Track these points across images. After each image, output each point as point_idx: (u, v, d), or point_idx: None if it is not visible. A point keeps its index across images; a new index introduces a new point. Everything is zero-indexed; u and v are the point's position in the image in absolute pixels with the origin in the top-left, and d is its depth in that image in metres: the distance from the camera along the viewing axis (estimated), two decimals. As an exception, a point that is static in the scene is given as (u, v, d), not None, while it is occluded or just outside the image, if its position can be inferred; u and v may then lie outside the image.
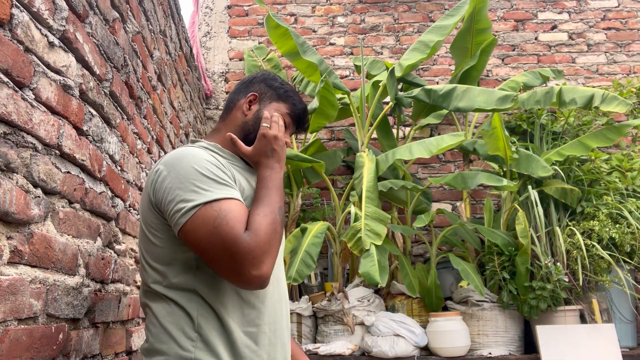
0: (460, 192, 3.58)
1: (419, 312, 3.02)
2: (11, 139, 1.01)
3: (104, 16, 1.52)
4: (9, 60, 0.99)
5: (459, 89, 2.91)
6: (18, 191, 1.03)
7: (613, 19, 4.03)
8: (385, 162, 2.95)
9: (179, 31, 2.71)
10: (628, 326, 2.87)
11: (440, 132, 3.81)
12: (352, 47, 4.02)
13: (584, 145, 3.10)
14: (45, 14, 1.13)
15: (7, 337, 0.98)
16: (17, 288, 1.02)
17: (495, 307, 2.83)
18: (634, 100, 3.52)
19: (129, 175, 1.80)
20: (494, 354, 2.73)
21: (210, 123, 3.87)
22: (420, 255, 3.59)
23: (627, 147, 3.55)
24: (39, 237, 1.11)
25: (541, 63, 3.96)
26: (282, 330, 1.19)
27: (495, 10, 4.09)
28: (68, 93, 1.27)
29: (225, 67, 4.00)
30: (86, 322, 1.40)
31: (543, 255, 2.78)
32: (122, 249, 1.73)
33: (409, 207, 3.32)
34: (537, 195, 2.86)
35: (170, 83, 2.49)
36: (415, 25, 4.07)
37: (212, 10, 4.12)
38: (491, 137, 2.89)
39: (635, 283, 2.83)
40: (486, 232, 2.90)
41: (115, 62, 1.62)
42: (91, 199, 1.43)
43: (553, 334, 2.61)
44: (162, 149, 2.34)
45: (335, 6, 4.11)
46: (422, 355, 2.78)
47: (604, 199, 2.98)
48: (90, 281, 1.42)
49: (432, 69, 3.99)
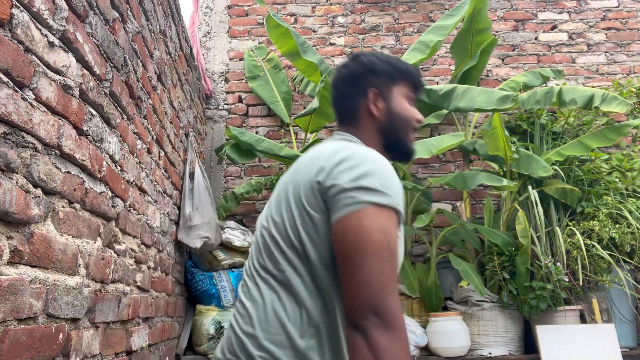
0: (460, 192, 3.58)
1: (419, 312, 3.02)
2: (11, 139, 1.01)
3: (104, 16, 1.52)
4: (9, 60, 0.99)
5: (459, 89, 2.91)
6: (18, 191, 1.03)
7: (613, 19, 4.03)
8: (385, 162, 2.95)
9: (179, 31, 2.71)
10: (628, 326, 2.87)
11: (440, 132, 3.81)
12: (352, 47, 4.02)
13: (584, 145, 3.10)
14: (45, 14, 1.13)
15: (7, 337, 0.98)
16: (17, 288, 1.02)
17: (495, 307, 2.83)
18: (634, 100, 3.52)
19: (129, 175, 1.80)
20: (494, 354, 2.73)
21: (210, 123, 3.87)
22: (420, 255, 3.59)
23: (627, 147, 3.55)
24: (39, 237, 1.11)
25: (541, 63, 3.96)
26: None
27: (495, 10, 4.09)
28: (68, 93, 1.27)
29: (225, 67, 4.00)
30: (86, 322, 1.40)
31: (543, 255, 2.78)
32: (122, 249, 1.73)
33: (409, 207, 3.32)
34: (537, 195, 2.86)
35: (170, 83, 2.49)
36: (415, 25, 4.07)
37: (212, 10, 4.12)
38: (491, 137, 2.89)
39: (635, 283, 2.83)
40: (486, 232, 2.90)
41: (115, 62, 1.62)
42: (91, 199, 1.43)
43: (553, 334, 2.61)
44: (162, 148, 2.34)
45: (335, 6, 4.11)
46: (422, 355, 2.78)
47: (604, 199, 2.97)
48: (90, 281, 1.42)
49: (432, 69, 3.99)
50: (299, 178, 1.04)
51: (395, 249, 0.94)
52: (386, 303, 0.89)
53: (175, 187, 2.65)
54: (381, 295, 0.90)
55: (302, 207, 1.01)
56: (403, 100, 1.19)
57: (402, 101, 1.18)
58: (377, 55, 1.22)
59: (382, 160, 1.02)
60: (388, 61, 1.20)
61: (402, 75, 1.19)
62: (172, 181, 2.57)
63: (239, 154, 3.38)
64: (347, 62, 1.23)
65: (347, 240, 0.93)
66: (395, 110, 1.17)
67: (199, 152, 3.45)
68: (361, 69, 1.21)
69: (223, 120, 3.88)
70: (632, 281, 2.81)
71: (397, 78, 1.19)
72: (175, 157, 2.64)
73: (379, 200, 0.94)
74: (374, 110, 1.17)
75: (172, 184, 2.58)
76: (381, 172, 0.98)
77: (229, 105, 3.92)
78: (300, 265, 0.99)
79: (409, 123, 1.18)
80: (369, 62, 1.21)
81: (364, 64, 1.21)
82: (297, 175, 1.05)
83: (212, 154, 3.76)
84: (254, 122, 3.88)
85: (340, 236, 0.95)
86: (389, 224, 0.94)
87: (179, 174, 2.74)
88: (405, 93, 1.20)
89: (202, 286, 2.95)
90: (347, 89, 1.20)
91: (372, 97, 1.17)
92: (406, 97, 1.20)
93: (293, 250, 1.00)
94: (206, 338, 2.78)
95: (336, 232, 0.95)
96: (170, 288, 2.55)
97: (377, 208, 0.93)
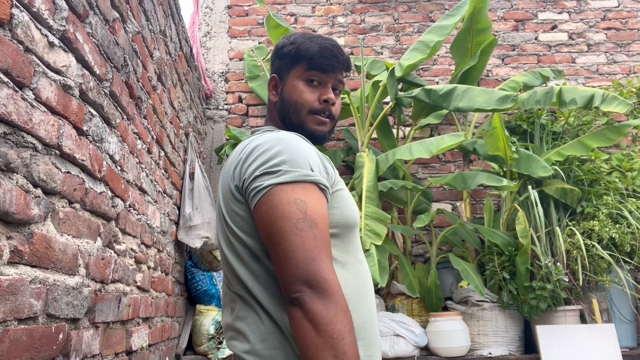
0: (460, 192, 3.58)
1: (419, 312, 3.02)
2: (11, 139, 1.01)
3: (104, 16, 1.52)
4: (9, 60, 0.99)
5: (459, 89, 2.91)
6: (18, 191, 1.03)
7: (613, 19, 4.03)
8: (385, 162, 2.95)
9: (179, 31, 2.71)
10: (628, 326, 2.87)
11: (440, 132, 3.81)
12: (352, 47, 4.02)
13: (584, 145, 3.10)
14: (45, 14, 1.13)
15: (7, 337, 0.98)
16: (17, 288, 1.02)
17: (495, 307, 2.83)
18: (634, 100, 3.52)
19: (129, 175, 1.80)
20: (494, 354, 2.73)
21: (210, 123, 3.87)
22: (420, 255, 3.59)
23: (627, 147, 3.55)
24: (39, 237, 1.11)
25: (541, 63, 3.96)
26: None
27: (495, 10, 4.09)
28: (68, 93, 1.27)
29: (225, 67, 4.00)
30: (86, 322, 1.40)
31: (543, 255, 2.78)
32: (122, 249, 1.73)
33: (409, 207, 3.32)
34: (537, 195, 2.86)
35: (170, 83, 2.49)
36: (415, 25, 4.07)
37: (212, 10, 4.12)
38: (491, 137, 2.89)
39: (635, 283, 2.83)
40: (486, 232, 2.90)
41: (115, 62, 1.62)
42: (91, 199, 1.43)
43: (553, 334, 2.61)
44: (162, 148, 2.34)
45: (335, 6, 4.11)
46: (422, 355, 2.78)
47: (604, 199, 2.97)
48: (90, 281, 1.42)
49: (432, 69, 3.99)
50: (224, 186, 1.07)
51: (316, 216, 0.92)
52: (315, 271, 0.88)
53: (175, 187, 2.65)
54: (308, 264, 0.88)
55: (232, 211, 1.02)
56: (297, 83, 1.12)
57: (295, 84, 1.12)
58: (290, 37, 1.17)
59: (289, 138, 1.01)
60: (294, 42, 1.14)
61: (301, 56, 1.12)
62: (172, 181, 2.57)
63: (239, 154, 3.38)
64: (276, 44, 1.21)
65: (264, 225, 0.94)
66: (285, 94, 1.14)
67: (199, 152, 3.45)
68: (274, 52, 1.18)
69: (223, 120, 3.88)
70: (632, 281, 2.81)
71: (297, 60, 1.12)
72: (175, 157, 2.64)
73: (284, 179, 0.93)
74: (271, 97, 1.17)
75: (172, 184, 2.58)
76: (286, 150, 0.97)
77: (229, 105, 3.92)
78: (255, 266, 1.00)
79: (301, 106, 1.11)
80: (280, 44, 1.17)
81: (275, 48, 1.18)
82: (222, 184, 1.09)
83: (212, 154, 3.76)
84: (254, 122, 3.88)
85: (258, 222, 0.95)
86: (303, 195, 0.93)
87: (179, 174, 2.74)
88: (302, 74, 1.12)
89: (202, 286, 2.95)
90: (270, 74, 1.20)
91: (271, 83, 1.17)
92: (302, 78, 1.12)
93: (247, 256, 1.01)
94: (206, 338, 2.78)
95: (256, 221, 0.96)
96: (170, 288, 2.55)
97: (284, 186, 0.93)
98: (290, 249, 0.89)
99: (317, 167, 0.99)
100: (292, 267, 0.88)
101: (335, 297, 0.87)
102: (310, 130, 1.12)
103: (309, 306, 0.86)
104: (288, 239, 0.90)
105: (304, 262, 0.88)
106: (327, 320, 0.85)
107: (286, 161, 0.95)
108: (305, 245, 0.89)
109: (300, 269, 0.88)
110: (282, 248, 0.90)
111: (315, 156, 1.01)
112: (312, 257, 0.89)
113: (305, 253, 0.89)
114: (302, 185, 0.94)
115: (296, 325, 0.87)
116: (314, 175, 0.96)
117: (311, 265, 0.88)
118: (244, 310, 1.01)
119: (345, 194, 1.06)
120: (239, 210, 1.01)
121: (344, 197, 1.05)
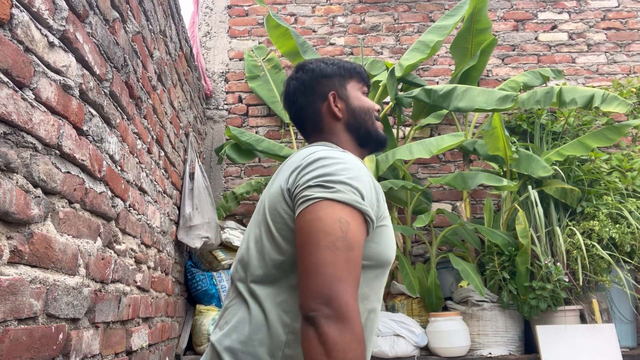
0: (460, 192, 3.58)
1: (419, 312, 3.02)
2: (11, 139, 1.01)
3: (104, 16, 1.52)
4: (9, 60, 0.99)
5: (459, 89, 2.91)
6: (18, 191, 1.03)
7: (613, 19, 4.03)
8: (385, 162, 2.95)
9: (179, 31, 2.71)
10: (628, 326, 2.87)
11: (440, 132, 3.81)
12: (352, 47, 4.02)
13: (584, 145, 3.10)
14: (45, 14, 1.13)
15: (7, 337, 0.98)
16: (17, 288, 1.02)
17: (495, 307, 2.83)
18: (634, 100, 3.52)
19: (129, 175, 1.80)
20: (494, 354, 2.73)
21: (210, 123, 3.87)
22: (420, 255, 3.59)
23: (627, 147, 3.55)
24: (39, 237, 1.11)
25: (541, 63, 3.96)
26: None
27: (495, 10, 4.09)
28: (68, 93, 1.27)
29: (225, 67, 4.00)
30: (86, 322, 1.40)
31: (543, 255, 2.78)
32: (122, 249, 1.73)
33: (409, 207, 3.32)
34: (537, 195, 2.86)
35: (170, 83, 2.49)
36: (415, 25, 4.07)
37: (212, 10, 4.12)
38: (491, 137, 2.89)
39: (635, 283, 2.83)
40: (486, 232, 2.90)
41: (115, 62, 1.62)
42: (91, 199, 1.43)
43: (553, 334, 2.61)
44: (162, 149, 2.34)
45: (335, 6, 4.11)
46: (422, 355, 2.78)
47: (604, 199, 2.97)
48: (90, 281, 1.42)
49: (432, 69, 3.99)
50: (276, 185, 1.05)
51: (354, 242, 0.91)
52: (339, 292, 0.85)
53: (175, 187, 2.65)
54: (334, 283, 0.86)
55: (276, 210, 1.02)
56: (359, 95, 1.23)
57: (358, 95, 1.23)
58: (322, 60, 1.27)
59: (354, 162, 1.02)
60: (334, 63, 1.26)
61: (351, 72, 1.24)
62: (172, 181, 2.57)
63: (239, 154, 3.38)
64: (295, 74, 1.26)
65: (302, 233, 0.93)
66: (354, 105, 1.21)
67: (199, 152, 3.45)
68: (312, 76, 1.24)
69: (223, 120, 3.88)
70: (632, 281, 2.81)
71: (347, 76, 1.24)
72: (175, 157, 2.64)
73: (336, 197, 0.93)
74: (336, 112, 1.20)
75: (172, 184, 2.58)
76: (347, 172, 0.97)
77: (229, 105, 3.92)
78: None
79: (370, 113, 1.22)
80: (318, 67, 1.25)
81: (314, 71, 1.24)
82: (272, 186, 1.07)
83: (212, 154, 3.76)
84: (254, 122, 3.88)
85: (298, 229, 0.94)
86: (349, 217, 0.92)
87: (179, 174, 2.74)
88: (358, 88, 1.25)
89: (202, 286, 2.95)
90: (305, 99, 1.22)
91: (332, 100, 1.20)
92: (360, 91, 1.25)
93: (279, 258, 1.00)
94: (206, 338, 2.78)
95: (297, 228, 0.95)
96: (170, 288, 2.55)
97: (334, 203, 0.93)
98: (320, 263, 0.88)
99: (369, 199, 0.99)
100: (317, 282, 0.87)
101: (352, 323, 0.85)
102: (382, 136, 1.24)
103: (324, 329, 0.83)
104: (322, 252, 0.88)
105: (330, 280, 0.86)
106: (340, 347, 0.83)
107: (343, 182, 0.95)
108: (337, 264, 0.88)
109: (325, 287, 0.86)
110: (313, 261, 0.89)
111: (371, 188, 1.02)
112: (339, 278, 0.87)
113: (334, 272, 0.87)
114: (350, 209, 0.94)
115: (308, 345, 0.85)
116: (364, 205, 0.96)
117: (336, 285, 0.86)
118: (237, 307, 1.02)
119: (387, 232, 1.06)
120: (282, 212, 1.01)
121: (385, 234, 1.05)
